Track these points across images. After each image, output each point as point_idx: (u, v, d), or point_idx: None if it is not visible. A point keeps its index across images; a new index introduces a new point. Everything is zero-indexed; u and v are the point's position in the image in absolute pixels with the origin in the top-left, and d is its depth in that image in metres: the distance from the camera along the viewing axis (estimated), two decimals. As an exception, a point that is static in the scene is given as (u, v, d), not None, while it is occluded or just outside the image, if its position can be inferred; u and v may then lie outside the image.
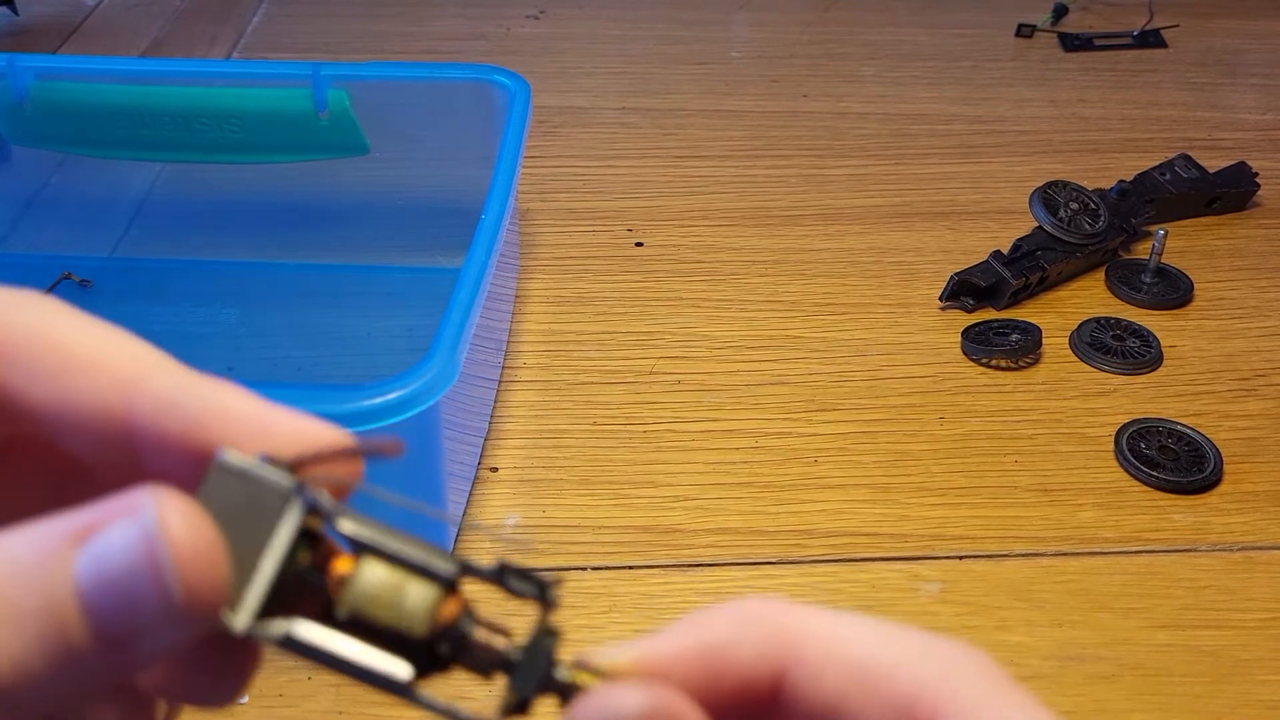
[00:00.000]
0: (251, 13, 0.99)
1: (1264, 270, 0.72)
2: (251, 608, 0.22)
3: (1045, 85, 0.91)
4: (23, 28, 0.98)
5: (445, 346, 0.47)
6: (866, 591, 0.52)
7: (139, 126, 0.66)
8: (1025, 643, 0.51)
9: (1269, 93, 0.90)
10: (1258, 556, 0.55)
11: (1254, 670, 0.50)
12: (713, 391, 0.62)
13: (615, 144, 0.83)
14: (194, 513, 0.21)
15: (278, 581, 0.22)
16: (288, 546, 0.22)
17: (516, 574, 0.24)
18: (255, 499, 0.22)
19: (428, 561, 0.23)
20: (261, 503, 0.22)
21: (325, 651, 0.22)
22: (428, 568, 0.23)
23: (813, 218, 0.76)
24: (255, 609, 0.22)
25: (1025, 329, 0.65)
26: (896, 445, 0.60)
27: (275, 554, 0.22)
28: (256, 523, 0.22)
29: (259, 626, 0.22)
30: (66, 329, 0.23)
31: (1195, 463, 0.58)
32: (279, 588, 0.22)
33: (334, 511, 0.23)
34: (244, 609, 0.22)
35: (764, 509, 0.56)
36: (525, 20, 0.98)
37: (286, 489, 0.22)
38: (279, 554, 0.22)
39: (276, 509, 0.22)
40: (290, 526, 0.22)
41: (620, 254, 0.72)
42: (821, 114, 0.86)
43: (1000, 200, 0.77)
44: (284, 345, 0.65)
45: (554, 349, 0.65)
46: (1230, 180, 0.77)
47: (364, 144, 0.66)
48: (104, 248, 0.71)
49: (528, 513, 0.56)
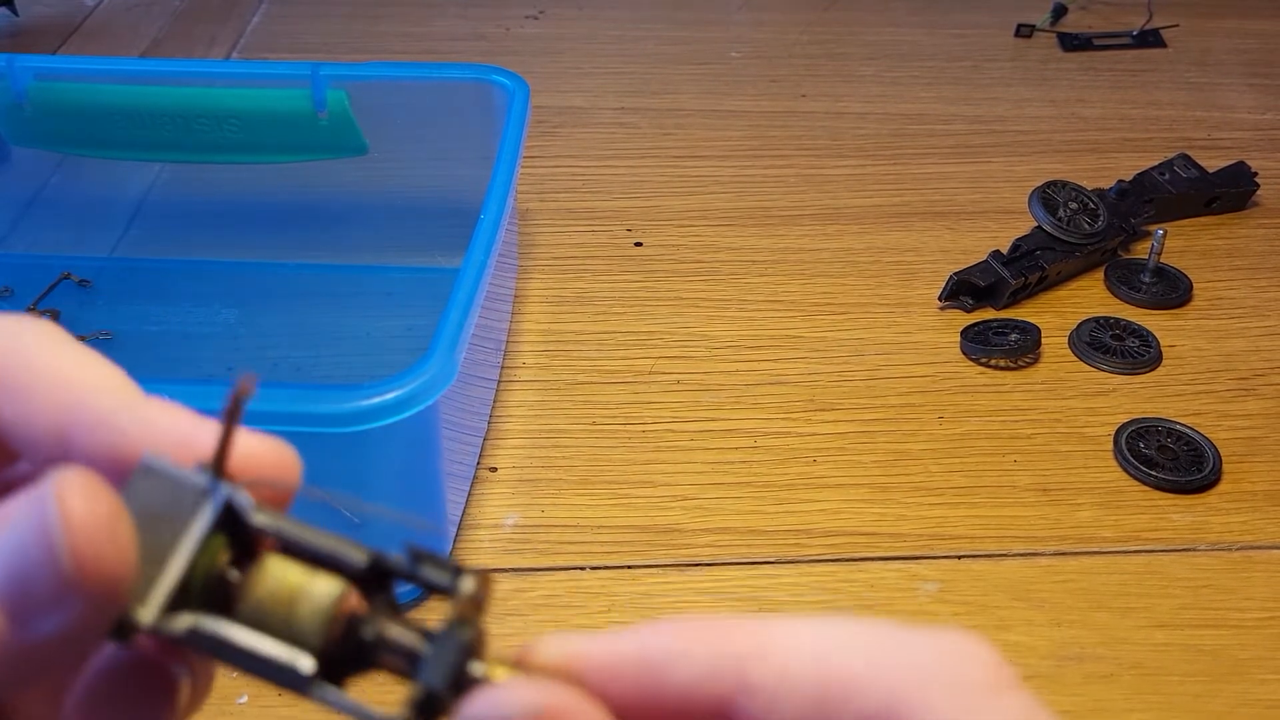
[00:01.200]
0: (251, 13, 0.99)
1: (1263, 270, 0.72)
2: (158, 602, 0.22)
3: (1044, 85, 0.91)
4: (22, 28, 0.98)
5: (444, 346, 0.47)
6: (865, 591, 0.52)
7: (138, 127, 0.66)
8: (1024, 642, 0.51)
9: (1268, 92, 0.90)
10: (1256, 556, 0.55)
11: (1252, 669, 0.50)
12: (712, 391, 0.62)
13: (614, 144, 0.83)
14: (95, 488, 0.21)
15: (193, 578, 0.22)
16: (199, 542, 0.22)
17: (430, 563, 0.23)
18: (174, 499, 0.22)
19: (336, 552, 0.22)
20: (179, 502, 0.22)
21: (228, 644, 0.22)
22: (335, 559, 0.22)
23: (812, 217, 0.76)
24: (162, 603, 0.22)
25: (1024, 329, 0.65)
26: (895, 445, 0.60)
27: (186, 550, 0.22)
28: (173, 521, 0.22)
29: (164, 620, 0.22)
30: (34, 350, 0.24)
31: (1194, 462, 0.58)
32: (199, 587, 0.22)
33: (248, 507, 0.22)
34: (151, 603, 0.22)
35: (763, 508, 0.56)
36: (525, 20, 0.99)
37: (202, 487, 0.22)
38: (190, 550, 0.22)
39: (192, 507, 0.22)
40: (203, 523, 0.22)
41: (619, 254, 0.72)
42: (821, 114, 0.86)
43: (999, 200, 0.77)
44: (283, 345, 0.65)
45: (553, 349, 0.65)
46: (1229, 180, 0.77)
47: (363, 144, 0.66)
48: (103, 248, 0.71)
49: (526, 512, 0.56)
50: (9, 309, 0.66)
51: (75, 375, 0.23)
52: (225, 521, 0.23)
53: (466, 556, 0.54)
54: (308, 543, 0.23)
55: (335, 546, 0.23)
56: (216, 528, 0.22)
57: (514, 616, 0.51)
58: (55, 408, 0.23)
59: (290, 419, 0.44)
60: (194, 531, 0.22)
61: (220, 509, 0.22)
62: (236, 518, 0.23)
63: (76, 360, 0.24)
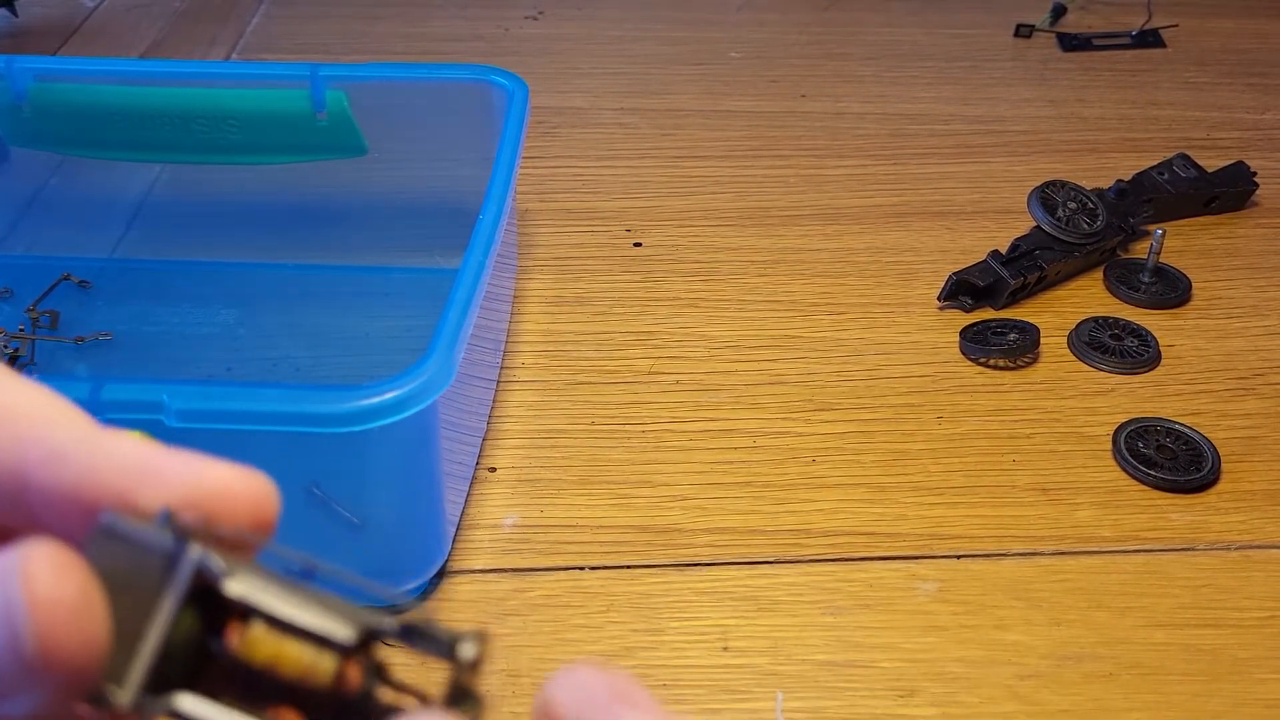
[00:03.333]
0: (250, 14, 0.99)
1: (1262, 269, 0.72)
2: (136, 680, 0.20)
3: (1044, 85, 0.91)
4: (22, 29, 0.98)
5: (443, 346, 0.47)
6: (864, 591, 0.52)
7: (138, 128, 0.66)
8: (1023, 641, 0.51)
9: (1267, 92, 0.90)
10: (1255, 555, 0.55)
11: (1251, 669, 0.50)
12: (711, 391, 0.63)
13: (614, 144, 0.83)
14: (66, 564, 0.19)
15: (169, 650, 0.21)
16: (173, 614, 0.21)
17: (424, 634, 0.21)
18: (139, 563, 0.21)
19: (323, 628, 0.21)
20: (145, 567, 0.21)
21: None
22: (322, 635, 0.21)
23: (811, 218, 0.76)
24: (140, 681, 0.20)
25: (1023, 328, 0.65)
26: (894, 445, 0.60)
27: (160, 623, 0.21)
28: (142, 589, 0.21)
29: (146, 701, 0.20)
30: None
31: (1193, 462, 0.58)
32: (176, 656, 0.21)
33: (222, 572, 0.21)
34: (129, 682, 0.20)
35: (762, 508, 0.56)
36: (524, 21, 0.99)
37: (168, 551, 0.21)
38: (164, 622, 0.21)
39: (160, 573, 0.21)
40: (176, 592, 0.21)
41: (619, 254, 0.72)
42: (820, 114, 0.86)
43: (998, 200, 0.77)
44: (282, 345, 0.65)
45: (552, 349, 0.65)
46: (1228, 180, 0.77)
47: (362, 145, 0.66)
48: (103, 248, 0.71)
49: (526, 513, 0.56)
50: (8, 310, 0.66)
51: (27, 409, 0.22)
52: (197, 586, 0.21)
53: (465, 557, 0.54)
54: (289, 619, 0.21)
55: (321, 624, 0.21)
56: (189, 596, 0.21)
57: (513, 617, 0.51)
58: (7, 442, 0.22)
59: (289, 419, 0.44)
60: (166, 602, 0.21)
61: (191, 577, 0.21)
62: (208, 583, 0.21)
63: (27, 394, 0.23)
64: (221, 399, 0.45)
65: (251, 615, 0.21)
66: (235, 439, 0.45)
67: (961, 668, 0.49)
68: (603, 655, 0.50)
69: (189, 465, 0.22)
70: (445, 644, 0.21)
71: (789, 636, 0.51)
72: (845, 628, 0.51)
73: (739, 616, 0.51)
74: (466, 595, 0.52)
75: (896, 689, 0.48)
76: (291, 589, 0.21)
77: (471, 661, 0.21)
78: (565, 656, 0.50)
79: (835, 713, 0.48)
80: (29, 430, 0.22)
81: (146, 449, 0.22)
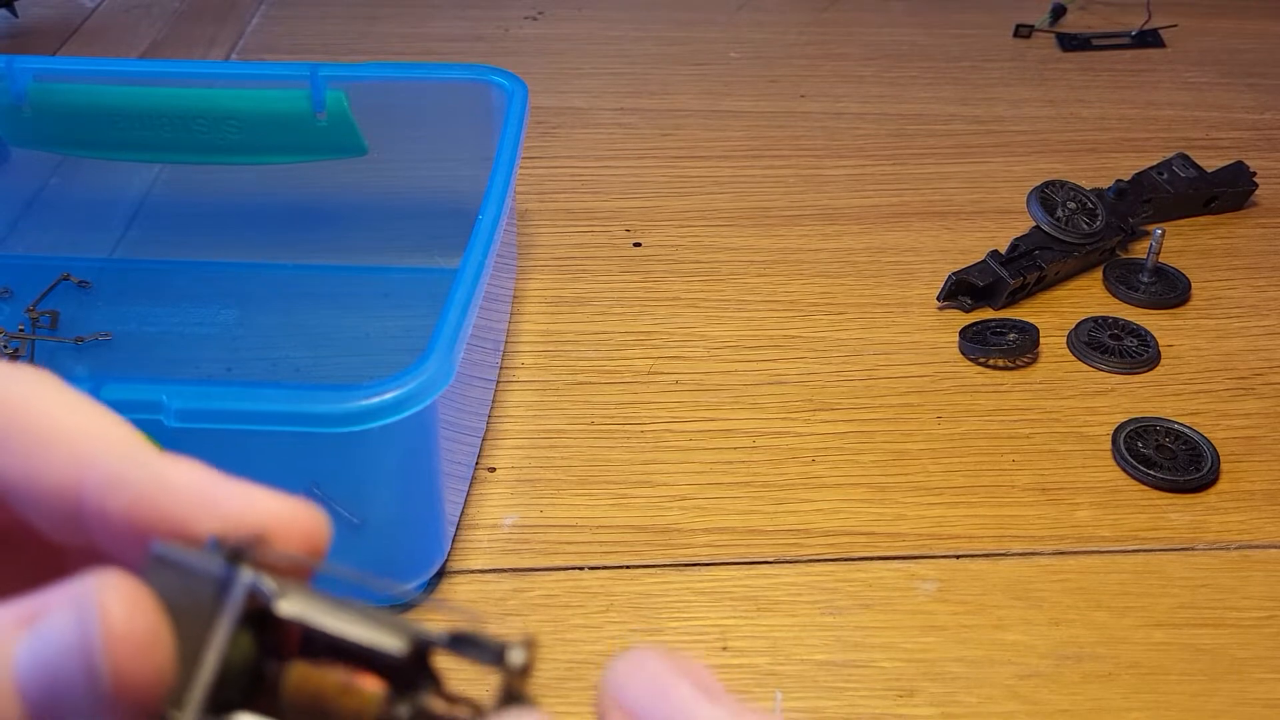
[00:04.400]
0: (250, 14, 0.99)
1: (1262, 269, 0.72)
2: (196, 703, 0.21)
3: (1043, 85, 0.91)
4: (22, 29, 0.98)
5: (442, 346, 0.47)
6: (863, 590, 0.52)
7: (138, 128, 0.66)
8: (1022, 641, 0.51)
9: (1267, 92, 0.90)
10: (1255, 555, 0.55)
11: (1251, 669, 0.50)
12: (710, 391, 0.63)
13: (613, 144, 0.83)
14: (137, 599, 0.20)
15: (226, 672, 0.21)
16: (228, 638, 0.21)
17: (473, 642, 0.22)
18: (193, 588, 0.21)
19: (374, 641, 0.22)
20: (199, 592, 0.21)
21: None
22: (374, 648, 0.22)
23: (810, 218, 0.76)
24: (200, 704, 0.21)
25: (1023, 328, 0.65)
26: (894, 445, 0.60)
27: (217, 646, 0.21)
28: (197, 613, 0.21)
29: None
30: (42, 404, 0.23)
31: (1192, 462, 0.58)
32: (233, 678, 0.21)
33: (274, 594, 0.22)
34: (189, 705, 0.21)
35: (761, 508, 0.56)
36: (523, 21, 0.99)
37: (220, 575, 0.21)
38: (219, 647, 0.21)
39: (214, 597, 0.21)
40: (230, 617, 0.21)
41: (618, 254, 0.72)
42: (819, 114, 0.87)
43: (998, 200, 0.77)
44: (282, 346, 0.65)
45: (552, 349, 0.65)
46: (1228, 180, 0.77)
47: (362, 145, 0.66)
48: (103, 249, 0.71)
49: (525, 513, 0.56)
50: (8, 310, 0.66)
51: (84, 431, 0.22)
52: (250, 608, 0.22)
53: (465, 557, 0.54)
54: (340, 634, 0.22)
55: (372, 637, 0.21)
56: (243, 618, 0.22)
57: (513, 617, 0.51)
58: (64, 466, 0.22)
59: (289, 419, 0.44)
60: (222, 626, 0.21)
61: (244, 600, 0.21)
62: (260, 605, 0.22)
63: (84, 415, 0.23)
64: (221, 399, 0.45)
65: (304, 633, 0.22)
66: (235, 439, 0.45)
67: (961, 667, 0.49)
68: (602, 655, 0.50)
69: (245, 495, 0.22)
70: (494, 651, 0.22)
71: (788, 636, 0.51)
72: (845, 628, 0.51)
73: (738, 616, 0.51)
74: (466, 595, 0.52)
75: (896, 689, 0.48)
76: (341, 606, 0.22)
77: (521, 668, 0.21)
78: (565, 656, 0.50)
79: (835, 712, 0.48)
80: (89, 453, 0.22)
81: (203, 478, 0.22)
